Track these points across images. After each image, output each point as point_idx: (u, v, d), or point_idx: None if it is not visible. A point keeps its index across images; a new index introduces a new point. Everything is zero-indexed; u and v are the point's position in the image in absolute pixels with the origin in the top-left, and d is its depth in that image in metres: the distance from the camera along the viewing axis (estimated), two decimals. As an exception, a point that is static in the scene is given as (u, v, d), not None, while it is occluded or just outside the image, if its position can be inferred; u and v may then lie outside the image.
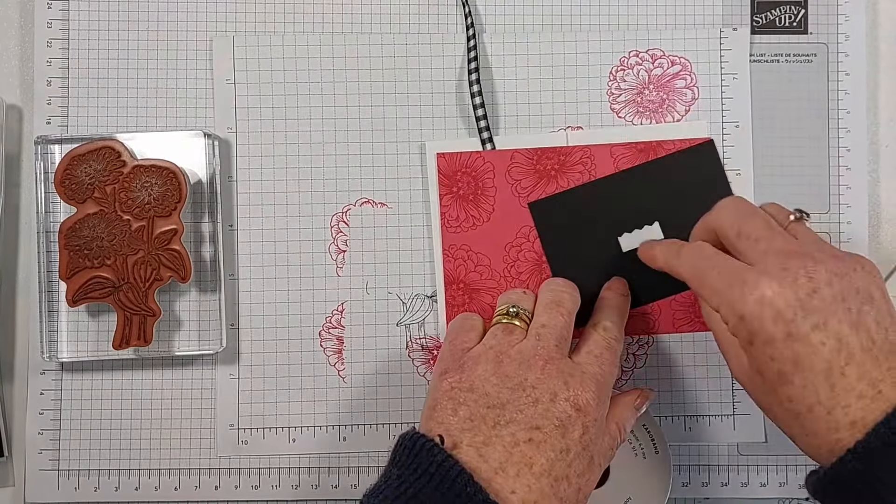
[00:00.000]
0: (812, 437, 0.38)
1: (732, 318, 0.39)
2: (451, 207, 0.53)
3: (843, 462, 0.36)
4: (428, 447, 0.39)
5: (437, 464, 0.38)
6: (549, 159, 0.53)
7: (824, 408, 0.37)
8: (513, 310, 0.46)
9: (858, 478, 0.35)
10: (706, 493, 0.53)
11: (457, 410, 0.42)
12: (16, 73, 0.54)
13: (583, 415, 0.41)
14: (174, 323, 0.53)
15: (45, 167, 0.52)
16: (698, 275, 0.43)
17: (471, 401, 0.42)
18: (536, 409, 0.41)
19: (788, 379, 0.37)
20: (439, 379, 0.44)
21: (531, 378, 0.42)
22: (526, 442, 0.40)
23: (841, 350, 0.37)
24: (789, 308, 0.37)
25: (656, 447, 0.50)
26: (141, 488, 0.53)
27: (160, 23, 0.54)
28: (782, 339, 0.37)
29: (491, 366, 0.43)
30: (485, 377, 0.42)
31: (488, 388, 0.42)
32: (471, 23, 0.53)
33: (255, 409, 0.53)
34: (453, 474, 0.38)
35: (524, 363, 0.43)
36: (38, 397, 0.53)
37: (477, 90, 0.52)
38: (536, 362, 0.43)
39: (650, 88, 0.53)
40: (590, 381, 0.43)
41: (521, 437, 0.40)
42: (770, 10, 0.54)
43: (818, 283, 0.37)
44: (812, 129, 0.53)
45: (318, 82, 0.53)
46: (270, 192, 0.53)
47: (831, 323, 0.37)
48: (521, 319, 0.46)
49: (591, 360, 0.44)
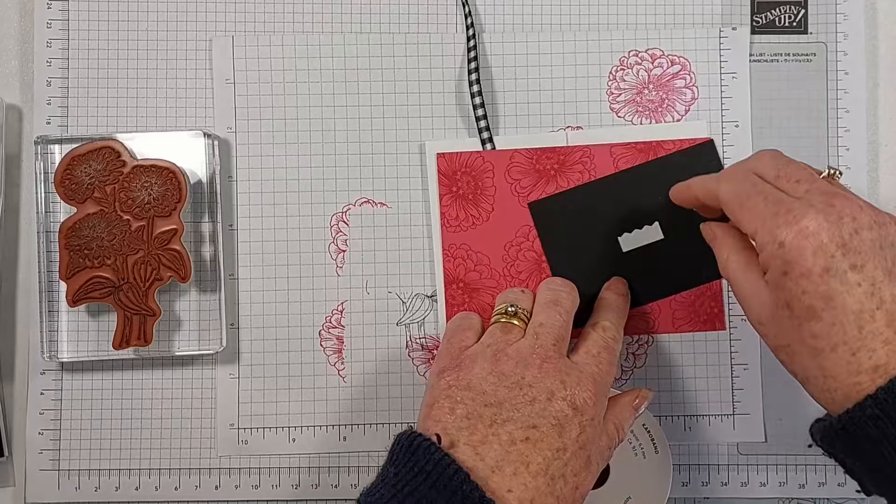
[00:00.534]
0: (830, 378, 0.37)
1: (771, 245, 0.38)
2: (451, 207, 0.53)
3: (861, 408, 0.35)
4: (425, 446, 0.39)
5: (434, 462, 0.38)
6: (548, 159, 0.53)
7: (849, 348, 0.36)
8: (511, 309, 0.46)
9: (875, 425, 0.35)
10: (706, 493, 0.53)
11: (454, 409, 0.42)
12: (16, 73, 0.54)
13: (580, 414, 0.42)
14: (174, 323, 0.53)
15: (45, 167, 0.52)
16: (741, 197, 0.41)
17: (468, 399, 0.42)
18: (533, 408, 0.41)
19: (818, 314, 0.37)
20: (437, 377, 0.44)
21: (528, 376, 0.42)
22: (523, 441, 0.40)
23: (874, 294, 0.36)
24: (832, 243, 0.37)
25: (656, 447, 0.50)
26: (141, 488, 0.53)
27: (160, 23, 0.54)
28: (819, 274, 0.37)
29: (488, 364, 0.43)
30: (482, 375, 0.43)
31: (485, 386, 0.42)
32: (471, 23, 0.53)
33: (255, 409, 0.53)
34: (450, 472, 0.38)
35: (521, 361, 0.43)
36: (39, 397, 0.53)
37: (477, 90, 0.52)
38: (534, 361, 0.43)
39: (650, 88, 0.53)
40: (587, 381, 0.43)
41: (517, 436, 0.40)
42: (770, 9, 0.54)
43: (861, 225, 0.37)
44: (811, 129, 0.53)
45: (318, 82, 0.53)
46: (270, 192, 0.53)
47: (868, 266, 0.36)
48: (520, 318, 0.46)
49: (588, 360, 0.44)
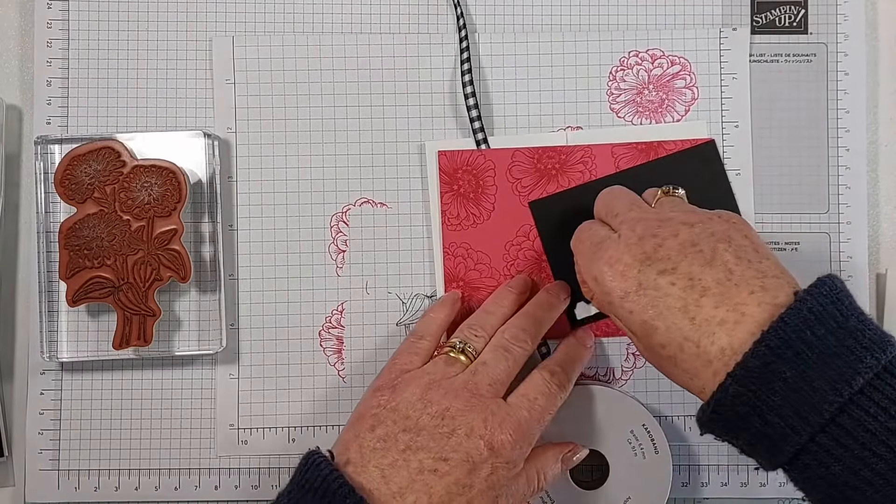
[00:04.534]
0: (694, 377, 0.37)
1: (591, 282, 0.41)
2: (452, 205, 0.53)
3: (723, 389, 0.35)
4: (317, 462, 0.40)
5: (322, 477, 0.39)
6: (549, 158, 0.53)
7: (692, 342, 0.37)
8: (460, 345, 0.47)
9: (742, 402, 0.35)
10: (706, 493, 0.53)
11: (374, 428, 0.43)
12: (16, 73, 0.54)
13: (494, 455, 0.42)
14: (174, 323, 0.53)
15: (45, 167, 0.52)
16: (574, 247, 0.45)
17: (390, 421, 0.43)
18: (449, 441, 0.42)
19: (653, 325, 0.38)
20: (371, 394, 0.45)
21: (453, 409, 0.43)
22: (431, 471, 0.41)
23: (694, 287, 0.37)
24: (635, 262, 0.39)
25: (656, 447, 0.50)
26: (141, 488, 0.53)
27: (160, 23, 0.54)
28: (635, 290, 0.39)
29: (419, 390, 0.44)
30: (410, 401, 0.43)
31: (410, 411, 0.43)
32: (463, 24, 0.53)
33: (255, 409, 0.53)
34: (334, 487, 0.39)
35: (451, 393, 0.43)
36: (38, 397, 0.53)
37: (471, 91, 0.52)
38: (462, 394, 0.43)
39: (650, 88, 0.53)
40: (510, 423, 0.43)
41: (427, 466, 0.41)
42: (770, 10, 0.54)
43: (664, 237, 0.39)
44: (811, 129, 0.53)
45: (318, 82, 0.53)
46: (270, 192, 0.53)
47: (681, 266, 0.38)
48: (467, 356, 0.46)
49: (522, 403, 0.45)
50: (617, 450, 0.50)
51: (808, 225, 0.53)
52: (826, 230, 0.53)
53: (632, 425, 0.50)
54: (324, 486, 0.39)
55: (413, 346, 0.48)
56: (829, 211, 0.53)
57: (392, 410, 0.43)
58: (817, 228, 0.53)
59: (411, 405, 0.43)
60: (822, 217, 0.53)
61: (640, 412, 0.50)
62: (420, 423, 0.42)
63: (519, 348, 0.47)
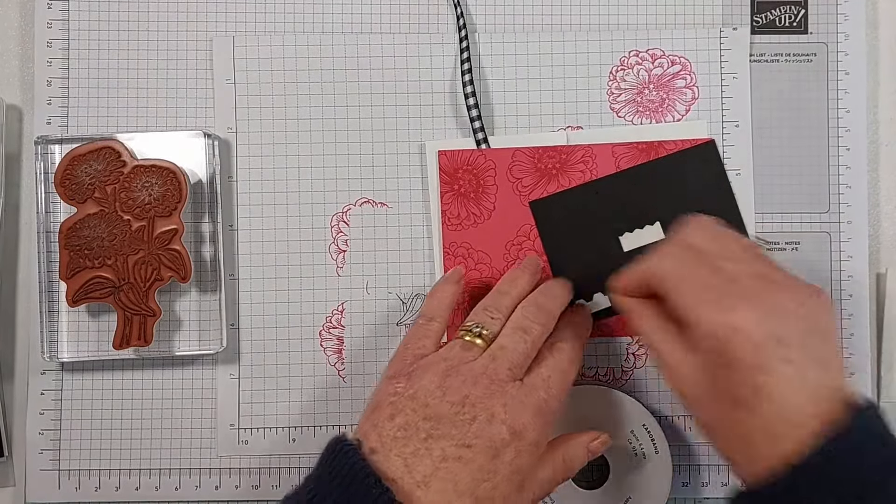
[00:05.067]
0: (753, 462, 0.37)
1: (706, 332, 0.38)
2: (453, 205, 0.53)
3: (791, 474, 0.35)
4: (345, 450, 0.39)
5: (350, 465, 0.39)
6: (550, 158, 0.53)
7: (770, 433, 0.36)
8: (477, 329, 0.46)
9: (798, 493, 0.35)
10: (706, 493, 0.53)
11: (394, 417, 0.42)
12: (16, 73, 0.54)
13: (517, 439, 0.41)
14: (174, 323, 0.53)
15: (45, 167, 0.52)
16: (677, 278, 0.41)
17: (409, 409, 0.42)
18: (471, 428, 0.41)
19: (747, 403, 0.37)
20: (386, 381, 0.44)
21: (473, 395, 0.42)
22: (455, 459, 0.40)
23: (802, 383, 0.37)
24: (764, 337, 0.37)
25: (656, 447, 0.50)
26: (141, 488, 0.53)
27: (160, 23, 0.54)
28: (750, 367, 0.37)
29: (437, 378, 0.43)
30: (429, 388, 0.42)
31: (429, 398, 0.42)
32: (463, 24, 0.53)
33: (255, 409, 0.53)
34: (361, 475, 0.38)
35: (470, 380, 0.43)
36: (39, 397, 0.53)
37: (471, 91, 0.52)
38: (482, 380, 0.43)
39: (650, 88, 0.53)
40: (530, 406, 0.42)
41: (450, 454, 0.40)
42: (770, 9, 0.54)
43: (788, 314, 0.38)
44: (812, 129, 0.53)
45: (318, 82, 0.53)
46: (270, 192, 0.53)
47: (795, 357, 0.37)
48: (484, 339, 0.45)
49: (538, 384, 0.44)
50: (617, 450, 0.50)
51: (808, 224, 0.53)
52: (826, 230, 0.53)
53: (632, 425, 0.50)
54: (351, 475, 0.38)
55: (423, 329, 0.47)
56: (830, 210, 0.53)
57: (410, 398, 0.42)
58: (818, 228, 0.53)
59: (430, 393, 0.42)
60: (822, 217, 0.53)
61: (640, 412, 0.51)
62: (440, 411, 0.41)
63: (539, 327, 0.46)
